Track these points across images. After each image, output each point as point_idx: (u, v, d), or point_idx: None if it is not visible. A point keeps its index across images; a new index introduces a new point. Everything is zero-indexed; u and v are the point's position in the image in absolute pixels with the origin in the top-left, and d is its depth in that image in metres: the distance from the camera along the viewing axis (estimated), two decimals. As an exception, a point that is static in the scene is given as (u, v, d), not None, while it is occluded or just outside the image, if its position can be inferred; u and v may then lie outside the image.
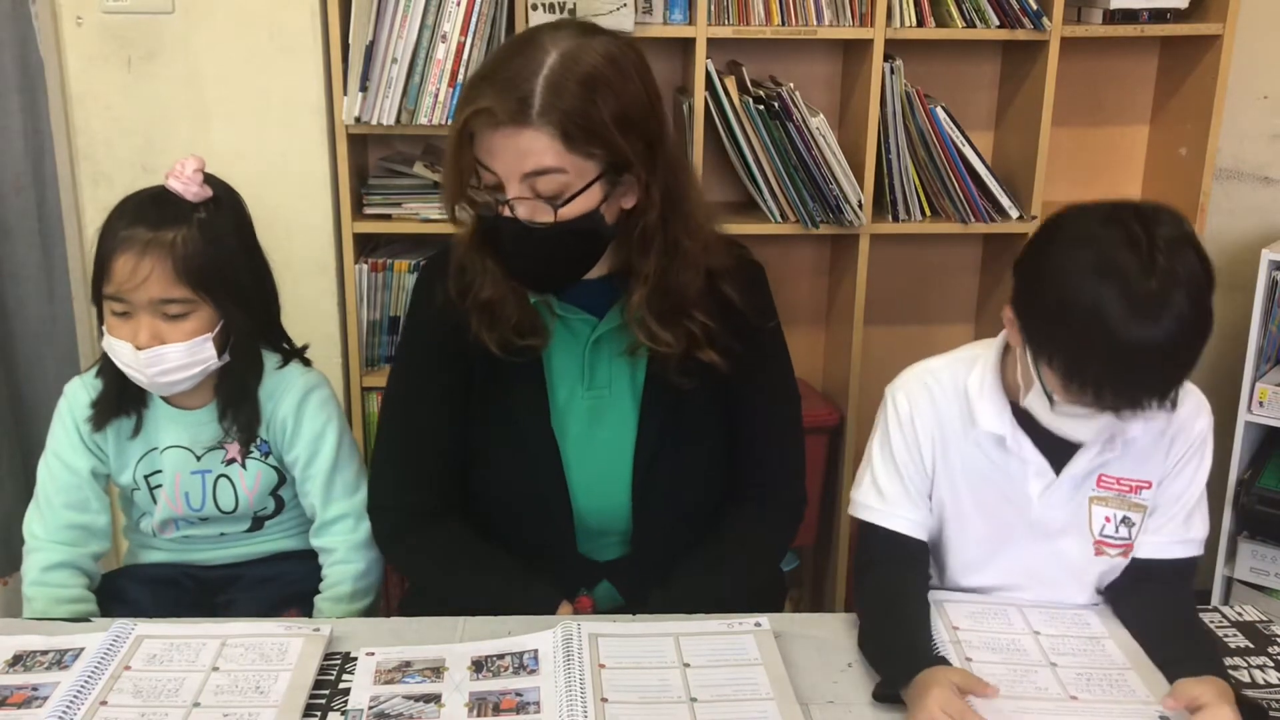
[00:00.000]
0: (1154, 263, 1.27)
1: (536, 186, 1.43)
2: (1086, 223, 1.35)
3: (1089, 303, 1.28)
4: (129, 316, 1.60)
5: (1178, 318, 1.27)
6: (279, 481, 1.76)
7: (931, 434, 1.52)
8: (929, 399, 1.52)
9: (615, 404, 1.62)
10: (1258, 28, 2.66)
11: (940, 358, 1.56)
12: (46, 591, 1.67)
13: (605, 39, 1.46)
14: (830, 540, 2.75)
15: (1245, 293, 2.63)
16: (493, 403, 1.61)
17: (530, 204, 1.43)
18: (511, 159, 1.42)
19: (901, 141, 2.48)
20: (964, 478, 1.52)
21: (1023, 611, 1.53)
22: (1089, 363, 1.30)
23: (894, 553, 1.53)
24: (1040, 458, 1.48)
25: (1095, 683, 1.39)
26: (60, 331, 2.58)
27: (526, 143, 1.40)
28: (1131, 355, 1.28)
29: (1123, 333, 1.26)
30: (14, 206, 2.50)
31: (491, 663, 1.41)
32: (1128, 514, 1.50)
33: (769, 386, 1.68)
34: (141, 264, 1.57)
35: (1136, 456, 1.48)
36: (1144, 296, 1.26)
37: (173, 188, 1.62)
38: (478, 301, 1.54)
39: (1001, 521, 1.52)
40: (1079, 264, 1.30)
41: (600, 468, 1.62)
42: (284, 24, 2.36)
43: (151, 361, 1.59)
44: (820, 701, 1.36)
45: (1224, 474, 2.65)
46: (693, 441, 1.62)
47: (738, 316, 1.58)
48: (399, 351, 1.73)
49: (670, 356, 1.55)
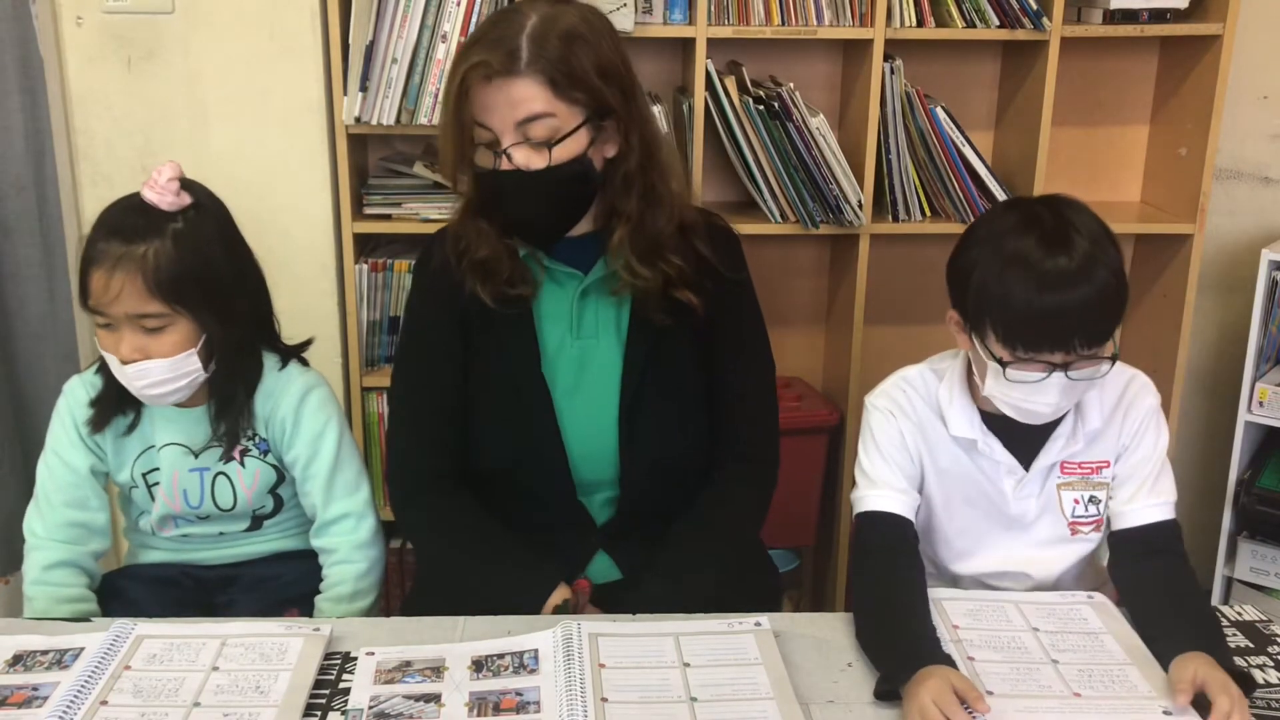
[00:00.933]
0: (1057, 233, 1.46)
1: (529, 133, 1.56)
2: (993, 215, 1.59)
3: (1003, 282, 1.47)
4: (111, 328, 1.60)
5: (1087, 279, 1.44)
6: (278, 480, 1.76)
7: (914, 432, 1.64)
8: (908, 403, 1.65)
9: (602, 350, 1.71)
10: (1258, 28, 2.66)
11: (913, 367, 1.69)
12: (47, 590, 1.67)
13: (577, 6, 1.63)
14: (830, 540, 2.76)
15: (1245, 293, 2.64)
16: (488, 354, 1.70)
17: (525, 150, 1.56)
18: (505, 109, 1.55)
19: (901, 141, 2.48)
20: (948, 475, 1.64)
21: (1020, 608, 1.55)
22: (1021, 328, 1.47)
23: (887, 537, 1.59)
24: (1010, 457, 1.62)
25: (1097, 679, 1.39)
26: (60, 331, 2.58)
27: (518, 91, 1.54)
28: (1053, 315, 1.45)
29: (1037, 301, 1.44)
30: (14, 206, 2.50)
31: (491, 662, 1.41)
32: (1093, 493, 1.64)
33: (742, 340, 1.76)
34: (113, 280, 1.56)
35: (1093, 441, 1.62)
36: (1048, 266, 1.45)
37: (148, 198, 1.60)
38: (474, 261, 1.66)
39: (984, 514, 1.65)
40: (991, 250, 1.50)
41: (589, 412, 1.69)
42: (284, 24, 2.36)
43: (138, 375, 1.60)
44: (820, 701, 1.36)
45: (1224, 474, 2.66)
46: (674, 387, 1.71)
47: (707, 265, 1.70)
48: (405, 323, 1.81)
49: (651, 294, 1.66)
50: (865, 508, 1.62)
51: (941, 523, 1.66)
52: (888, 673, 1.38)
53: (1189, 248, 2.58)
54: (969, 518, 1.65)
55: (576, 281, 1.70)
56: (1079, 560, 1.68)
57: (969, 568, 1.68)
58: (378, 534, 1.78)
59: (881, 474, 1.62)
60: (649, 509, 1.71)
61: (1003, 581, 1.67)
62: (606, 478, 1.71)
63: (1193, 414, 2.93)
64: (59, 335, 2.58)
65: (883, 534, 1.59)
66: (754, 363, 1.78)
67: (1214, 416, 2.93)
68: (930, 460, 1.64)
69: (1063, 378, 1.49)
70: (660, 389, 1.70)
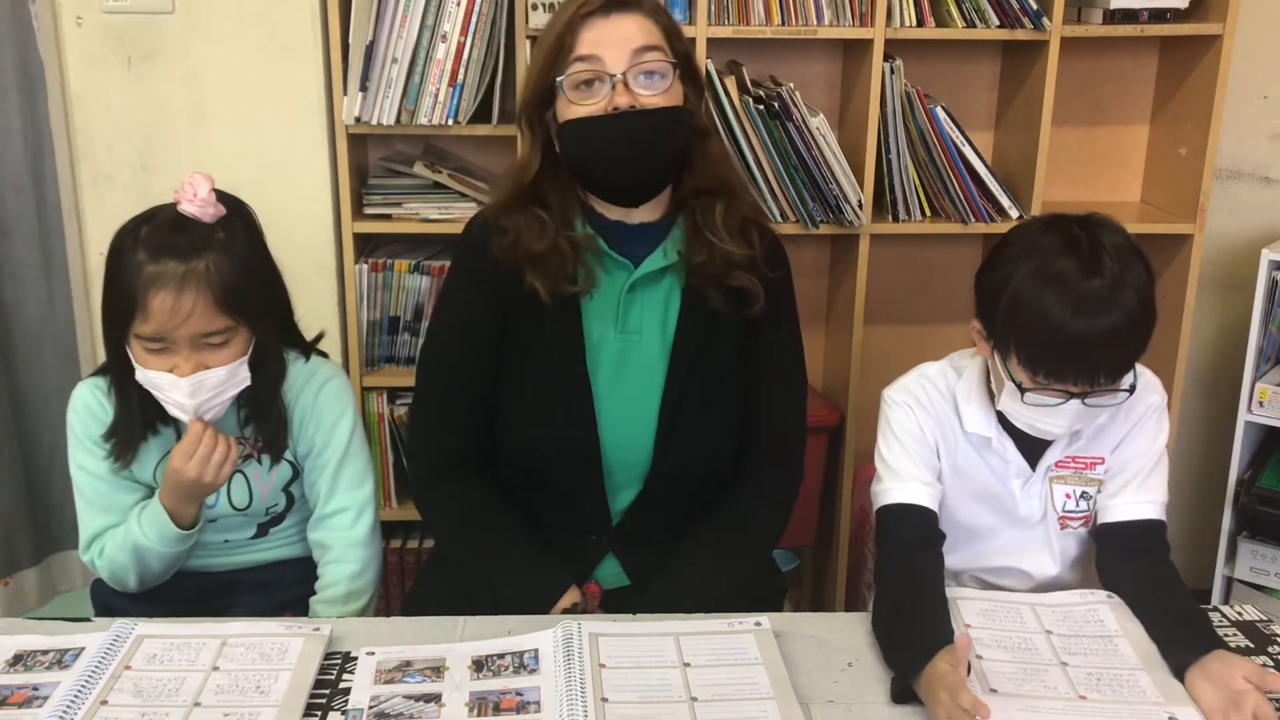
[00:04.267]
0: (1094, 261, 1.44)
1: (644, 65, 1.59)
2: (1030, 232, 1.54)
3: (1036, 305, 1.45)
4: (167, 352, 1.55)
5: (1119, 309, 1.43)
6: (292, 476, 1.75)
7: (932, 427, 1.64)
8: (926, 398, 1.65)
9: (644, 348, 1.70)
10: (1258, 28, 2.66)
11: (933, 364, 1.69)
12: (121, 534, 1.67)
13: None
14: (830, 540, 2.75)
15: (1245, 293, 2.64)
16: (531, 344, 1.68)
17: (640, 83, 1.59)
18: (621, 39, 1.58)
19: (901, 141, 2.48)
20: (961, 472, 1.65)
21: (1035, 610, 1.55)
22: (1045, 355, 1.46)
23: (915, 530, 1.59)
24: (1020, 458, 1.63)
25: (1105, 683, 1.39)
26: (60, 331, 2.58)
27: (634, 24, 1.60)
28: (1079, 346, 1.44)
29: (1068, 328, 1.43)
30: (14, 206, 2.50)
31: (492, 662, 1.41)
32: (1085, 489, 1.65)
33: (781, 345, 1.77)
34: (182, 300, 1.51)
35: (1094, 437, 1.63)
36: (1083, 294, 1.43)
37: (187, 211, 1.56)
38: (530, 254, 1.64)
39: (991, 511, 1.66)
40: (1025, 269, 1.48)
41: (629, 409, 1.68)
42: (284, 24, 2.36)
43: (194, 391, 1.56)
44: (820, 701, 1.36)
45: (1224, 474, 2.65)
46: (717, 388, 1.70)
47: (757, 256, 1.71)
48: (440, 303, 1.79)
49: (712, 272, 1.66)
50: (890, 500, 1.61)
51: (949, 517, 1.65)
52: (901, 668, 1.38)
53: (1189, 248, 2.58)
54: (977, 514, 1.66)
55: (626, 273, 1.68)
56: (1078, 558, 1.68)
57: (971, 563, 1.69)
58: (374, 532, 1.77)
59: (905, 466, 1.62)
60: (666, 513, 1.70)
61: (1003, 580, 1.68)
62: (635, 475, 1.70)
63: (1193, 414, 2.93)
64: (58, 335, 2.58)
65: (910, 527, 1.59)
66: (790, 371, 1.78)
67: (1214, 416, 2.93)
68: (946, 455, 1.64)
69: (1079, 404, 1.49)
70: (703, 390, 1.69)
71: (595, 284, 1.66)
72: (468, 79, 2.33)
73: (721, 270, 1.66)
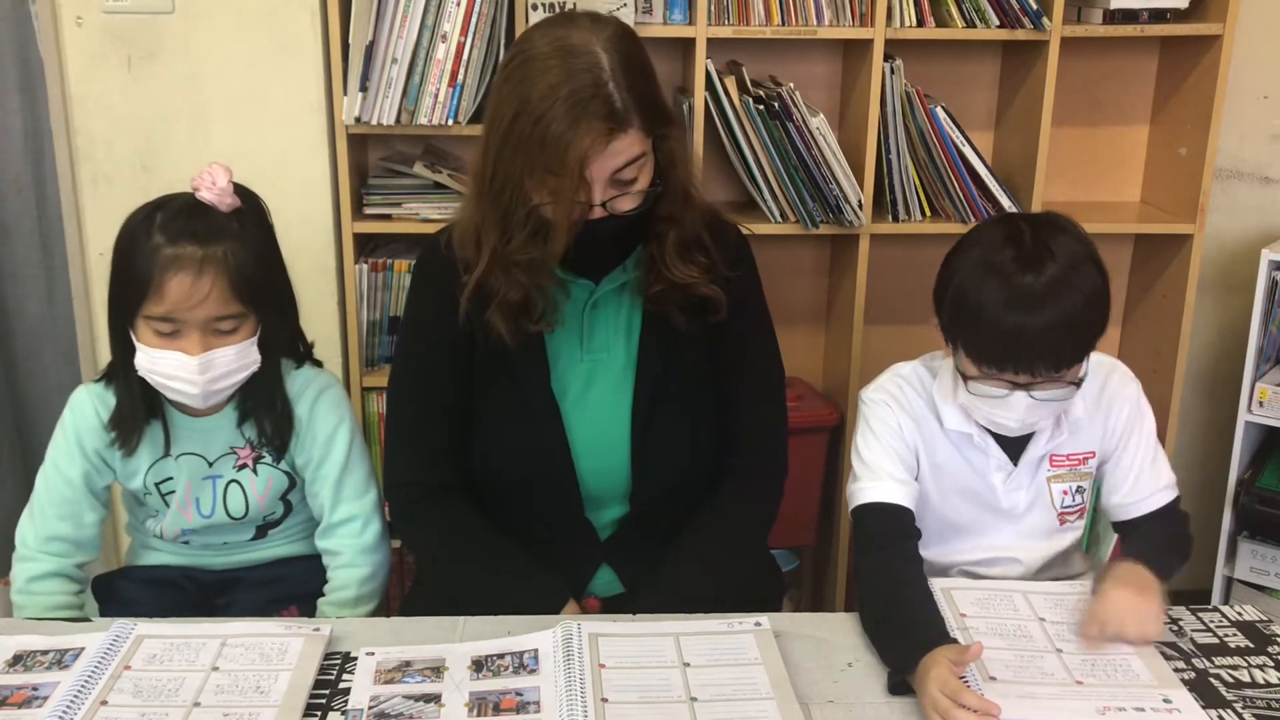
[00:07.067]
0: (1034, 257, 1.47)
1: (622, 176, 1.49)
2: (982, 227, 1.59)
3: (974, 295, 1.49)
4: (176, 335, 1.56)
5: (1054, 307, 1.45)
6: (289, 486, 1.75)
7: (910, 425, 1.65)
8: (904, 397, 1.67)
9: (610, 366, 1.67)
10: (1258, 28, 2.66)
11: (906, 364, 1.71)
12: (35, 600, 1.67)
13: (613, 23, 1.53)
14: (830, 540, 2.76)
15: (1245, 293, 2.64)
16: (496, 371, 1.66)
17: (619, 198, 1.50)
18: (607, 162, 1.47)
19: (901, 141, 2.48)
20: (942, 469, 1.66)
21: (1028, 598, 1.56)
22: (984, 345, 1.50)
23: (891, 527, 1.60)
24: (1001, 453, 1.64)
25: (1100, 668, 1.41)
26: (60, 331, 2.58)
27: (622, 144, 1.47)
28: (1014, 337, 1.47)
29: (1001, 321, 1.47)
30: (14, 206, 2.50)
31: (491, 662, 1.41)
32: (1080, 483, 1.68)
33: (751, 344, 1.72)
34: (200, 282, 1.53)
35: (1077, 433, 1.65)
36: (1017, 288, 1.46)
37: (206, 199, 1.58)
38: (505, 302, 1.57)
39: (975, 505, 1.67)
40: (969, 262, 1.52)
41: (599, 428, 1.66)
42: (284, 24, 2.36)
43: (204, 368, 1.56)
44: (820, 701, 1.36)
45: (1224, 474, 2.66)
46: (688, 397, 1.68)
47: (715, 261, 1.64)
48: (404, 333, 1.76)
49: (671, 296, 1.61)
50: (866, 499, 1.62)
51: (934, 514, 1.67)
52: (896, 663, 1.39)
53: (1189, 248, 2.58)
54: (961, 509, 1.67)
55: (586, 293, 1.65)
56: (1066, 548, 1.71)
57: (959, 556, 1.69)
58: (383, 538, 1.77)
59: (882, 464, 1.62)
60: (657, 523, 1.69)
61: (992, 570, 1.69)
62: (618, 493, 1.68)
63: (1193, 414, 2.93)
64: (58, 335, 2.59)
65: (886, 524, 1.60)
66: (763, 363, 1.74)
67: (1214, 416, 2.93)
68: (926, 453, 1.65)
69: (1026, 397, 1.51)
70: (673, 400, 1.66)
71: (560, 322, 1.62)
72: (468, 79, 2.33)
73: (679, 294, 1.61)
